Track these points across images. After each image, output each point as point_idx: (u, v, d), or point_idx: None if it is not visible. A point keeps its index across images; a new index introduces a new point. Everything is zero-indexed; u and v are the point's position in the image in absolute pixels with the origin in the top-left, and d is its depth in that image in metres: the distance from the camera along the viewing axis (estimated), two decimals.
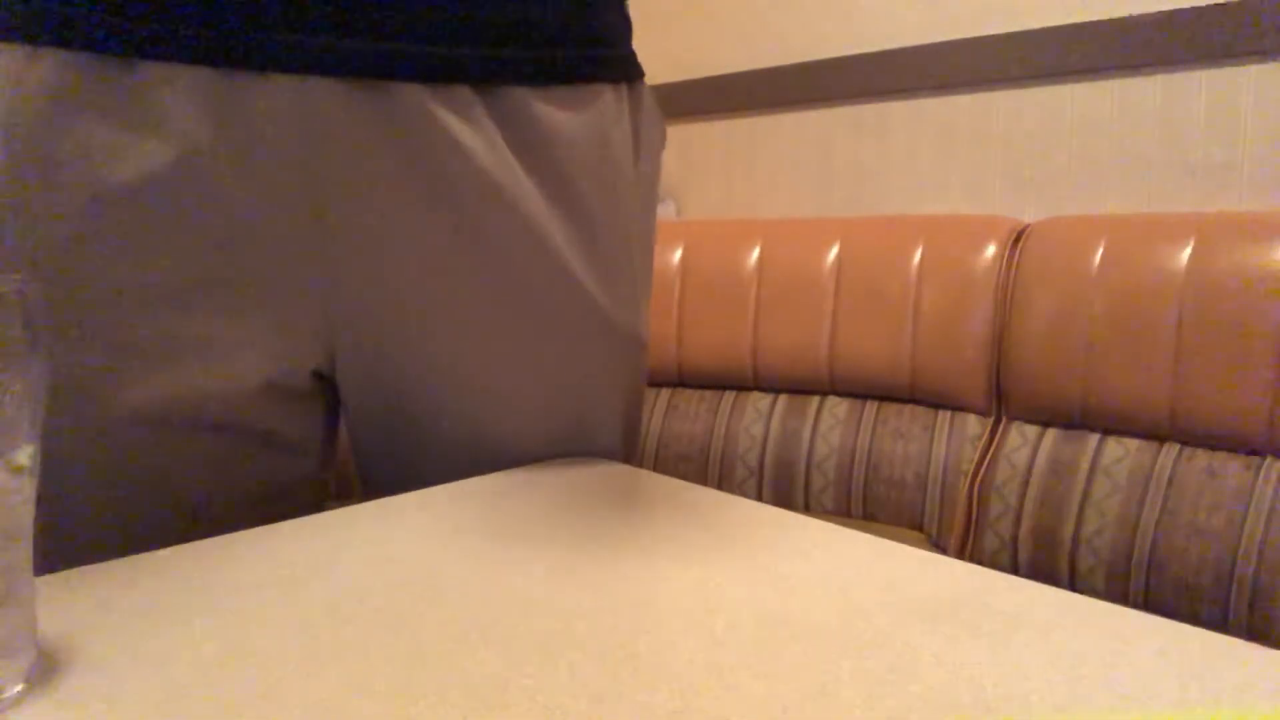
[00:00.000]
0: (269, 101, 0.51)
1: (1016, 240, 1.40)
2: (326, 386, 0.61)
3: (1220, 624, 1.16)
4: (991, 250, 1.41)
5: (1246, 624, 1.14)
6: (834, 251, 1.52)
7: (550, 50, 0.56)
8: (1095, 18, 1.43)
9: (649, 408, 1.63)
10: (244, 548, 0.47)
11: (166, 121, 0.50)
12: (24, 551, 0.32)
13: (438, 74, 0.53)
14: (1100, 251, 1.29)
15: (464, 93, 0.54)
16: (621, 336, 0.62)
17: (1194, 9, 1.34)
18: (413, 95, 0.52)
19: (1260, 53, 1.31)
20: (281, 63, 0.50)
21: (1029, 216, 1.46)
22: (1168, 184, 1.41)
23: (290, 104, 0.51)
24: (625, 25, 0.63)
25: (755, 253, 1.60)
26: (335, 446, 0.65)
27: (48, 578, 0.42)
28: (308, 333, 0.56)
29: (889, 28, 1.67)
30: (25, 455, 0.32)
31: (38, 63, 0.50)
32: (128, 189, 0.50)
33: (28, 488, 0.32)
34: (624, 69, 0.61)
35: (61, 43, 0.49)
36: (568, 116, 0.57)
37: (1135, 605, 1.21)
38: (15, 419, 0.31)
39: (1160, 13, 1.37)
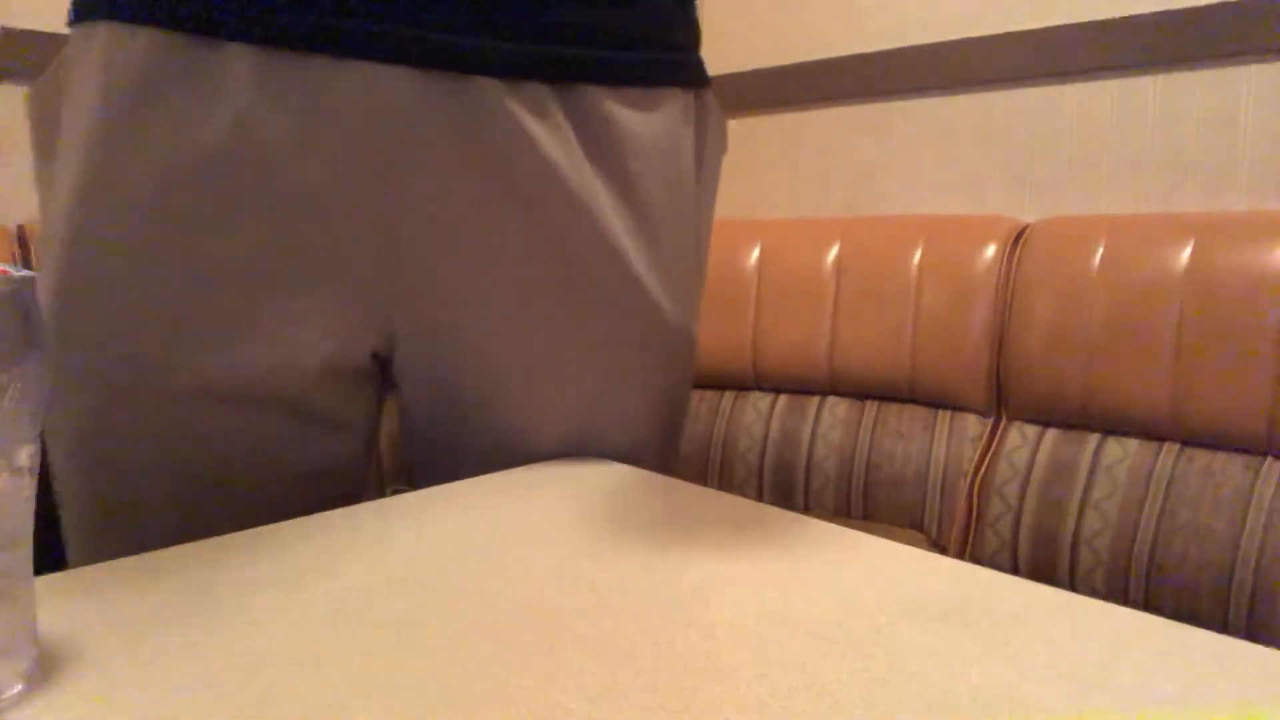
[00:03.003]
0: (346, 87, 0.52)
1: (1016, 240, 1.40)
2: (379, 367, 0.62)
3: (1220, 624, 1.16)
4: (991, 250, 1.41)
5: (1246, 624, 1.14)
6: (834, 251, 1.52)
7: (626, 53, 0.57)
8: (1095, 18, 1.43)
9: None
10: (244, 548, 0.47)
11: (248, 101, 0.51)
12: (24, 552, 0.32)
13: (515, 70, 0.54)
14: (1100, 251, 1.29)
15: (539, 89, 0.54)
16: (676, 333, 0.63)
17: (1194, 9, 1.34)
18: (488, 89, 0.53)
19: (1260, 53, 1.31)
20: (361, 51, 0.51)
21: (1029, 216, 1.46)
22: (1168, 184, 1.41)
23: (366, 91, 0.52)
24: (695, 32, 0.64)
25: (755, 253, 1.60)
26: (379, 426, 0.66)
27: (48, 578, 0.42)
28: (369, 315, 0.57)
29: (889, 28, 1.67)
30: (25, 455, 0.32)
31: (134, 40, 0.51)
32: (205, 164, 0.52)
33: (28, 488, 0.32)
34: (693, 74, 0.62)
35: (157, 22, 0.51)
36: (638, 116, 0.58)
37: (1135, 605, 1.21)
38: (15, 419, 0.31)
39: (1160, 13, 1.37)
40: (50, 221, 0.55)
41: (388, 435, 1.44)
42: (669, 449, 0.67)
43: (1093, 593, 1.24)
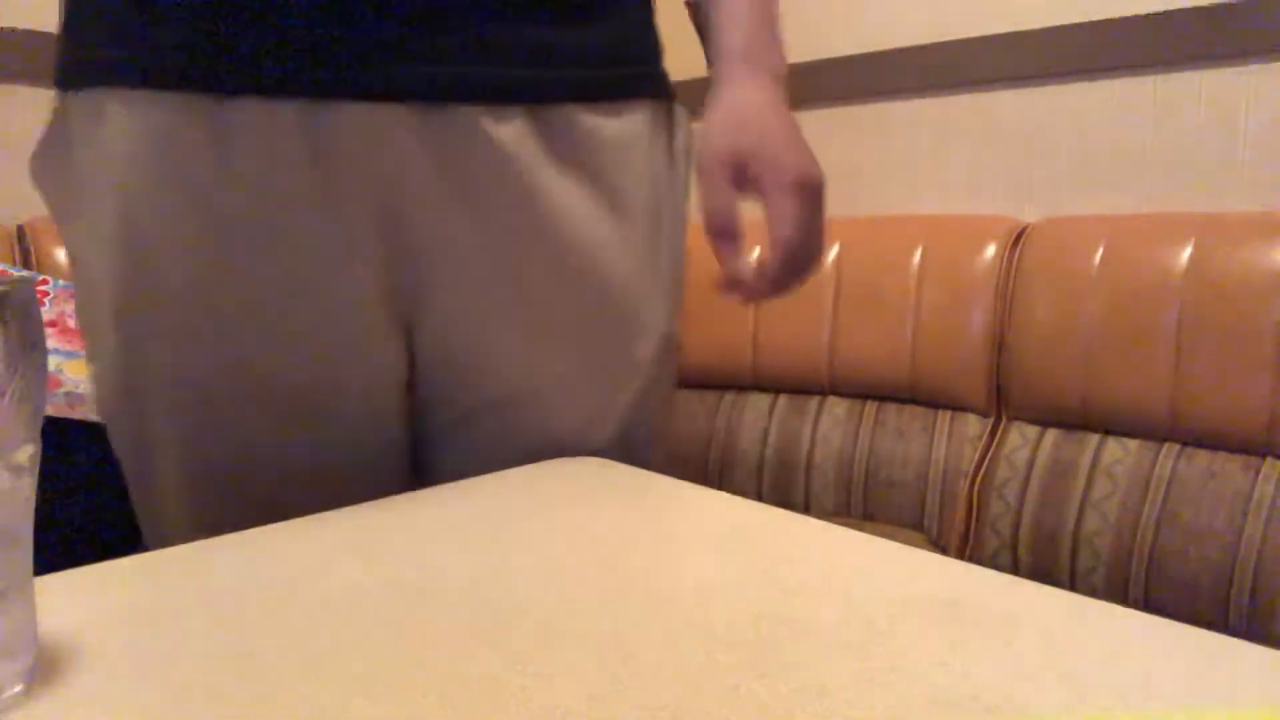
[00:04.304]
0: (343, 129, 0.55)
1: (1016, 240, 1.40)
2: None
3: (1220, 624, 1.16)
4: (991, 250, 1.41)
5: (1246, 624, 1.14)
6: (834, 251, 1.52)
7: (596, 70, 0.61)
8: (1095, 18, 1.43)
9: None
10: (244, 548, 0.47)
11: (257, 154, 0.55)
12: (24, 552, 0.32)
13: (494, 96, 0.57)
14: (1100, 251, 1.29)
15: (517, 110, 0.58)
16: (655, 333, 0.66)
17: (1194, 9, 1.34)
18: (468, 114, 0.57)
19: (1260, 53, 1.31)
20: (353, 93, 0.55)
21: (1029, 216, 1.46)
22: (1168, 184, 1.41)
23: (362, 129, 0.55)
24: (658, 47, 0.68)
25: (755, 253, 1.60)
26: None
27: (47, 578, 0.42)
28: (396, 331, 0.61)
29: (889, 28, 1.66)
30: (25, 455, 0.32)
31: (140, 105, 0.55)
32: (227, 219, 0.56)
33: (28, 488, 0.32)
34: (659, 87, 0.66)
35: (159, 85, 0.54)
36: (611, 125, 0.61)
37: (1135, 605, 1.21)
38: (15, 419, 0.31)
39: (1160, 13, 1.37)
40: (91, 277, 0.59)
41: None
42: (656, 449, 0.70)
43: (1093, 593, 1.24)
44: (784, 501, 1.51)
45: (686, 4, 0.74)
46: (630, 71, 0.63)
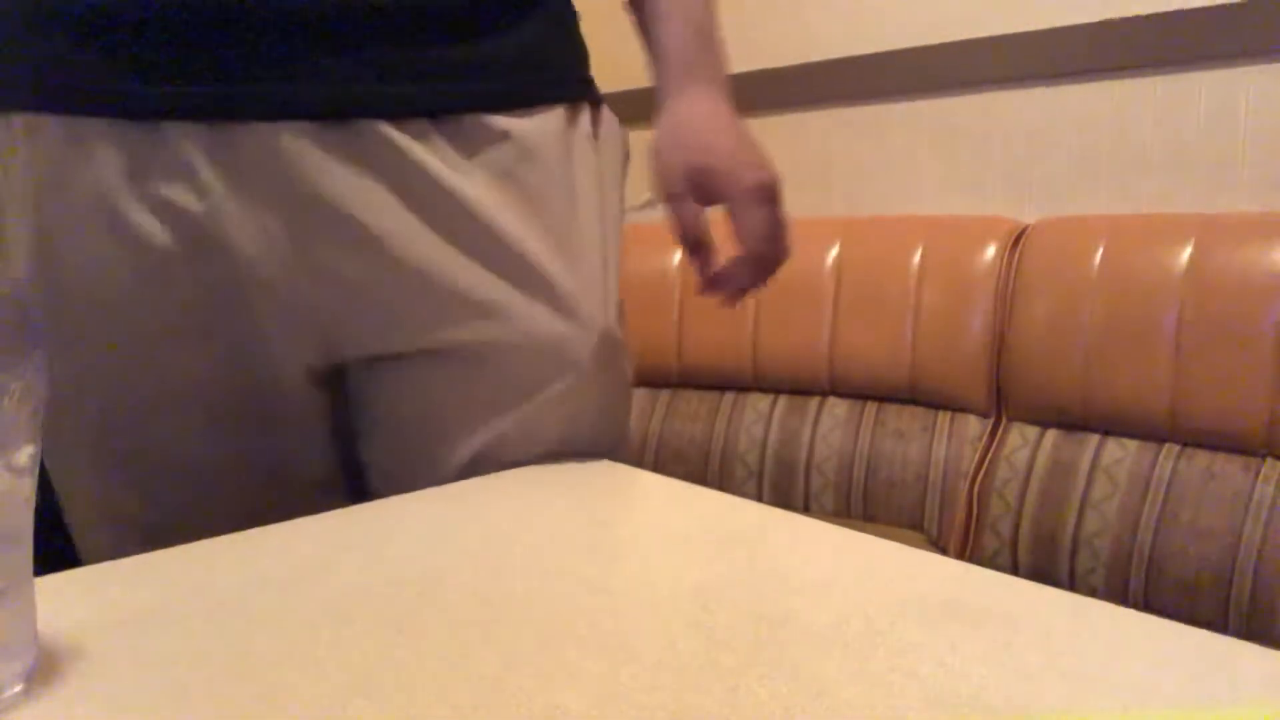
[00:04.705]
0: (253, 147, 0.56)
1: (1016, 240, 1.40)
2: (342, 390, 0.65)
3: (1220, 624, 1.16)
4: (991, 250, 1.40)
5: (1246, 624, 1.14)
6: (834, 251, 1.52)
7: (495, 83, 0.61)
8: (1095, 18, 1.43)
9: (649, 409, 1.63)
10: (244, 548, 0.47)
11: (174, 170, 0.56)
12: (24, 552, 0.32)
13: (397, 111, 0.58)
14: (1100, 251, 1.29)
15: (422, 121, 0.59)
16: (591, 328, 0.64)
17: (1194, 9, 1.34)
18: (375, 128, 0.58)
19: (1260, 53, 1.31)
20: (257, 112, 0.56)
21: (1029, 216, 1.46)
22: (1168, 184, 1.41)
23: (270, 147, 0.56)
24: (575, 51, 0.68)
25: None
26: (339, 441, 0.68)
27: (48, 578, 0.42)
28: (320, 345, 0.61)
29: (889, 28, 1.66)
30: (25, 455, 0.32)
31: (68, 127, 0.56)
32: (145, 232, 0.56)
33: (28, 488, 0.32)
34: (573, 92, 0.66)
35: (82, 109, 0.55)
36: (519, 125, 0.61)
37: (1135, 605, 1.21)
38: (15, 419, 0.31)
39: (1160, 13, 1.37)
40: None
41: None
42: (619, 453, 0.68)
43: (1093, 593, 1.24)
44: (784, 501, 1.51)
45: (626, 7, 0.73)
46: (533, 79, 0.63)
